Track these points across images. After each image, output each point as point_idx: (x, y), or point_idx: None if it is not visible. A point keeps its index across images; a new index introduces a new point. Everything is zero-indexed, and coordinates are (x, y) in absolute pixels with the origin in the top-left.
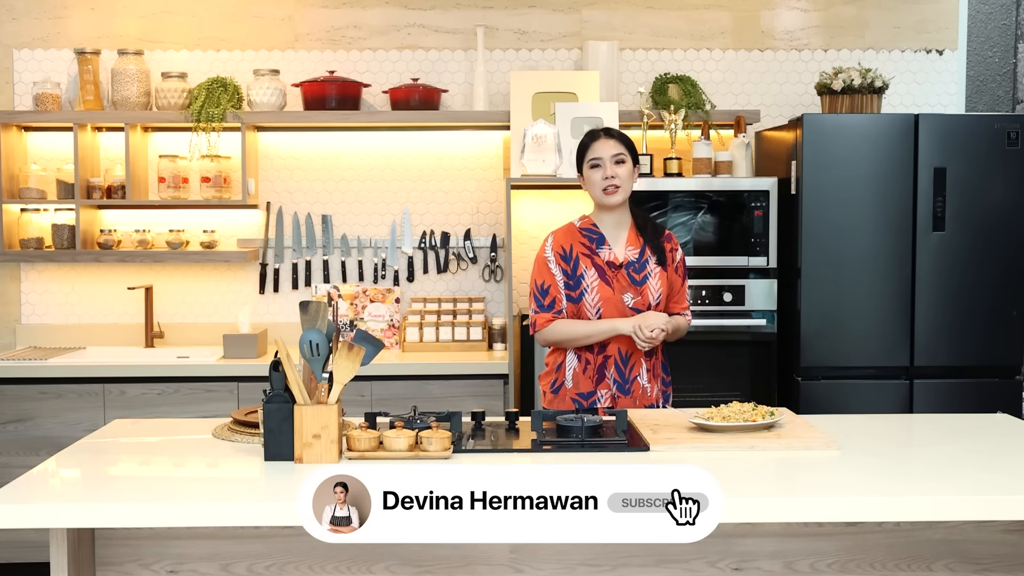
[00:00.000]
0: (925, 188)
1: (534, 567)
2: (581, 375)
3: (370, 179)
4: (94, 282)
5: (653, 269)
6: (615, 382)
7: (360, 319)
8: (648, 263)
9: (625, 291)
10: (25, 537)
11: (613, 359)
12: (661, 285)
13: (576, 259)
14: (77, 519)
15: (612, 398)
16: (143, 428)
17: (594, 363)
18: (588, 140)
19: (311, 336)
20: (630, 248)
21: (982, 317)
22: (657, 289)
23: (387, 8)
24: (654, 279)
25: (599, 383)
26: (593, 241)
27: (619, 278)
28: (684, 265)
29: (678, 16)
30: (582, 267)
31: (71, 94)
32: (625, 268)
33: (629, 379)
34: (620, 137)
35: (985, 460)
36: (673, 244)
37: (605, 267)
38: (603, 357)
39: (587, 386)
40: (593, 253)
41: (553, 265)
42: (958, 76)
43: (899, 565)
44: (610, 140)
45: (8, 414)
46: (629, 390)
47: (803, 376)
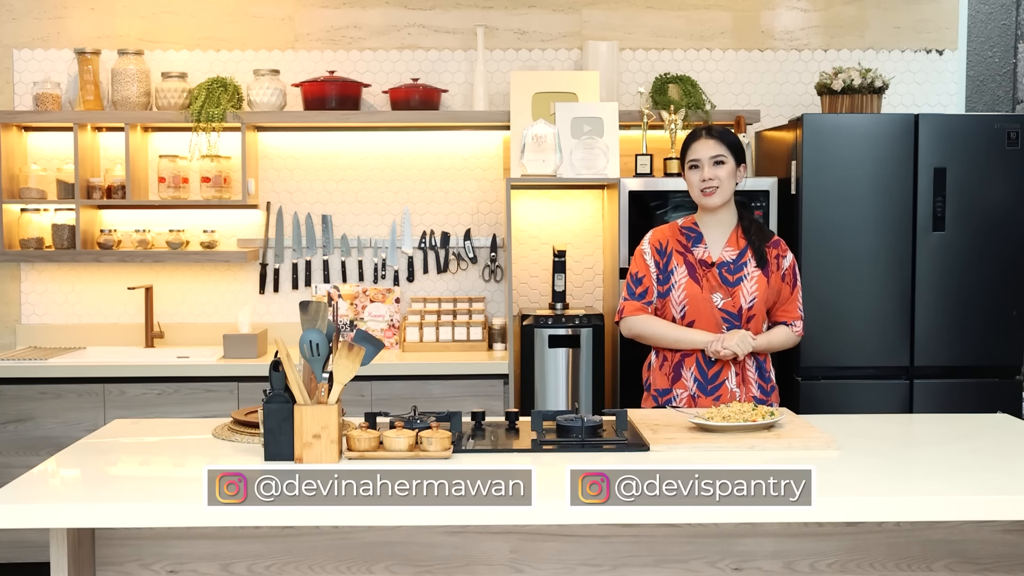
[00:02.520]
0: (925, 188)
1: (534, 567)
2: (658, 371)
3: (370, 179)
4: (94, 282)
5: (751, 272)
6: (695, 381)
7: (360, 319)
8: (746, 265)
9: (715, 290)
10: (25, 537)
11: (695, 357)
12: (757, 289)
13: (670, 254)
14: (77, 519)
15: (691, 398)
16: (143, 428)
17: (671, 360)
18: (689, 140)
19: (311, 336)
20: (728, 248)
21: (982, 317)
22: (751, 292)
23: (387, 8)
24: (749, 282)
25: (675, 381)
26: (690, 239)
27: (709, 277)
28: (795, 273)
29: (678, 16)
30: (674, 263)
31: (71, 94)
32: (718, 267)
33: (712, 379)
34: (721, 136)
35: (985, 460)
36: (781, 251)
37: (697, 264)
38: (680, 355)
39: (663, 383)
40: (687, 251)
41: (649, 257)
42: (958, 76)
43: (899, 565)
44: (710, 140)
45: (8, 414)
46: (714, 391)
47: (803, 376)
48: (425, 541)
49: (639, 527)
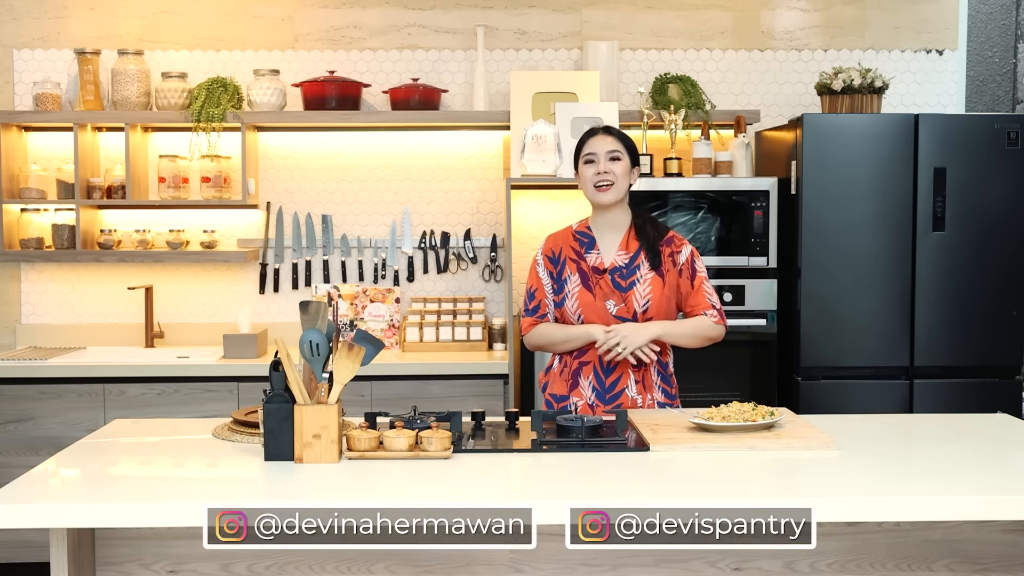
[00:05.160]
0: (925, 188)
1: (534, 567)
2: (557, 376)
3: (370, 179)
4: (94, 282)
5: (644, 275)
6: (593, 389)
7: (360, 319)
8: (639, 268)
9: (608, 297)
10: (25, 537)
11: (592, 365)
12: (651, 292)
13: (563, 263)
14: (77, 519)
15: (588, 407)
16: (143, 428)
17: (570, 367)
18: (586, 136)
19: (311, 336)
20: (620, 253)
21: (982, 317)
22: (644, 296)
23: (387, 8)
24: (642, 285)
25: (572, 388)
26: (583, 245)
27: (602, 283)
28: (693, 264)
29: (678, 16)
30: (567, 271)
31: (71, 94)
32: (610, 274)
33: (611, 388)
34: (618, 135)
35: (985, 460)
36: (676, 247)
37: (589, 272)
38: (579, 363)
39: (561, 389)
40: (580, 258)
41: (541, 269)
42: (958, 76)
43: (899, 565)
44: (607, 137)
45: (8, 414)
46: (612, 399)
47: (803, 376)
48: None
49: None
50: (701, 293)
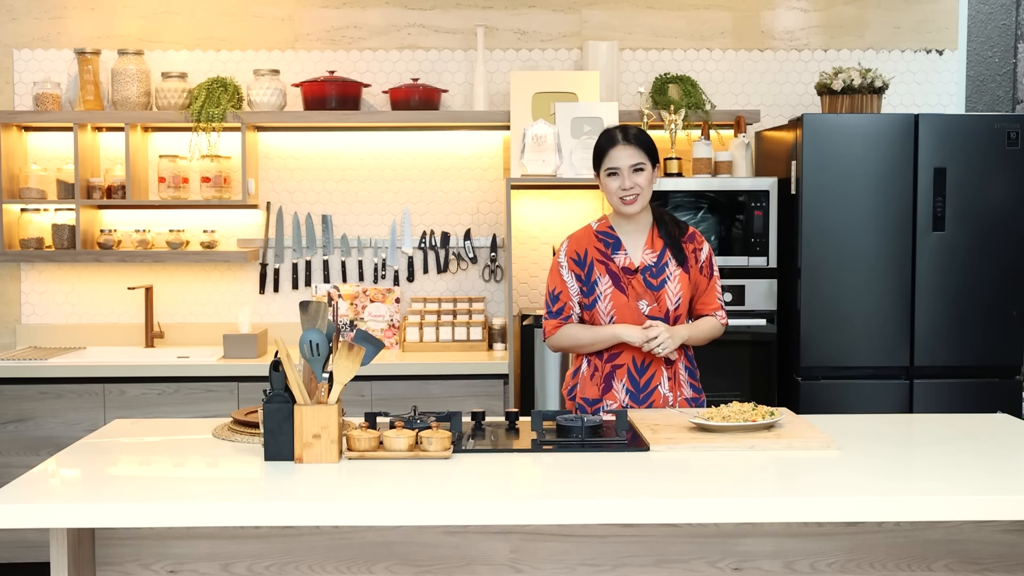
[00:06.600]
0: (925, 188)
1: (534, 567)
2: (588, 380)
3: (370, 179)
4: (94, 282)
5: (672, 273)
6: (627, 391)
7: (360, 319)
8: (667, 266)
9: (640, 297)
10: (25, 537)
11: (626, 368)
12: (681, 289)
13: (591, 265)
14: (77, 519)
15: (622, 408)
16: (143, 428)
17: (602, 371)
18: (606, 145)
19: (311, 336)
20: (648, 252)
21: (982, 317)
22: (676, 294)
23: (387, 8)
24: (673, 283)
25: (605, 392)
26: (609, 246)
27: (634, 284)
28: (711, 263)
29: (678, 16)
30: (596, 273)
31: (71, 94)
32: (641, 273)
33: (645, 388)
34: (639, 142)
35: (985, 460)
36: (698, 243)
37: (620, 273)
38: (611, 367)
39: (593, 393)
40: (608, 259)
41: (566, 271)
42: (958, 76)
43: (899, 565)
44: (628, 147)
45: (8, 414)
46: (647, 399)
47: (803, 376)
48: (425, 541)
49: (639, 527)
50: (714, 292)
